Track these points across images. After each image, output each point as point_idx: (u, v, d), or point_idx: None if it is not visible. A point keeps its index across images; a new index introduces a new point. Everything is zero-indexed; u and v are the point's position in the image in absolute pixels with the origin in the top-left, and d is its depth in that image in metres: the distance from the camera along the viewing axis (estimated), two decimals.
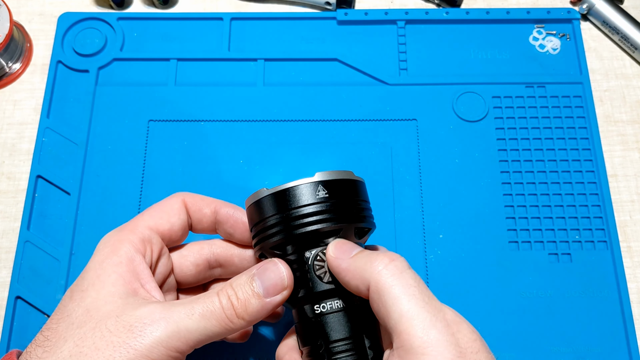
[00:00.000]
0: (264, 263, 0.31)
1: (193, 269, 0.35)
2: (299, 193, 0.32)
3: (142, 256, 0.31)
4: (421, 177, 0.50)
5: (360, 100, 0.52)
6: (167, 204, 0.35)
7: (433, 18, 0.55)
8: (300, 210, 0.31)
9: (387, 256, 0.29)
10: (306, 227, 0.31)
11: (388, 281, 0.28)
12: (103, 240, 0.32)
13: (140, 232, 0.32)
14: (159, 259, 0.33)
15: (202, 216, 0.35)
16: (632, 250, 0.49)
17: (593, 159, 0.50)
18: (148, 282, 0.31)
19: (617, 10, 0.55)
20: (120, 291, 0.30)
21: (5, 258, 0.48)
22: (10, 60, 0.54)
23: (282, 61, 0.54)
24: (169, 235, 0.34)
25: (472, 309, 0.46)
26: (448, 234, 0.48)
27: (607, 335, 0.45)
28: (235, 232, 0.35)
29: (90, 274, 0.30)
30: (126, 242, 0.31)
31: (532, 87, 0.53)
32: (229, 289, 0.30)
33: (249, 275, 0.31)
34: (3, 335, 0.45)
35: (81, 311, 0.29)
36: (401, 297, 0.27)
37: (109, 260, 0.31)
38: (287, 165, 0.50)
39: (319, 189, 0.32)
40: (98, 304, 0.29)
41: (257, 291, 0.30)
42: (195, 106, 0.52)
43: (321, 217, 0.31)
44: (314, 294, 0.31)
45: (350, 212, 0.32)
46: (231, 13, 0.56)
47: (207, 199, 0.36)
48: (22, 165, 0.51)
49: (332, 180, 0.32)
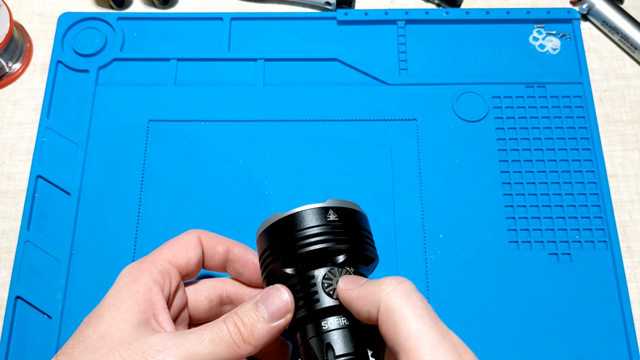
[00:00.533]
0: (267, 289, 0.32)
1: (207, 303, 0.36)
2: (309, 215, 0.33)
3: (160, 288, 0.32)
4: (421, 177, 0.50)
5: (360, 100, 0.52)
6: (184, 239, 0.36)
7: (433, 18, 0.55)
8: (311, 230, 0.32)
9: (394, 279, 0.30)
10: (317, 245, 0.32)
11: (397, 302, 0.29)
12: (125, 270, 0.33)
13: (160, 264, 0.33)
14: (176, 291, 0.34)
15: (215, 253, 0.36)
16: (632, 250, 0.49)
17: (593, 159, 0.50)
18: (161, 313, 0.32)
19: (617, 10, 0.55)
20: (133, 318, 0.30)
21: (5, 258, 0.48)
22: (10, 60, 0.54)
23: (282, 61, 0.54)
24: (186, 269, 0.35)
25: (472, 309, 0.46)
26: (448, 234, 0.48)
27: (607, 335, 0.45)
28: (244, 272, 0.36)
29: (108, 301, 0.31)
30: (146, 272, 0.32)
31: (532, 87, 0.53)
32: (235, 316, 0.31)
33: (253, 301, 0.32)
34: (3, 335, 0.45)
35: (95, 337, 0.30)
36: (409, 317, 0.28)
37: (127, 288, 0.32)
38: (287, 165, 0.50)
39: (329, 213, 0.33)
40: (112, 331, 0.30)
41: (262, 316, 0.31)
42: (195, 106, 0.52)
43: (332, 237, 0.32)
44: (321, 311, 0.32)
45: (359, 237, 0.33)
46: (231, 13, 0.56)
47: (220, 238, 0.37)
48: (22, 165, 0.51)
49: (343, 207, 0.33)
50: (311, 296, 0.32)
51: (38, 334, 0.45)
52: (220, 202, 0.49)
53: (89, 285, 0.46)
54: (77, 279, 0.46)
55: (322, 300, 0.32)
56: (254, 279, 0.36)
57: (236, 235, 0.48)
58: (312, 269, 0.32)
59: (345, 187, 0.49)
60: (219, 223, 0.48)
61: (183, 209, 0.48)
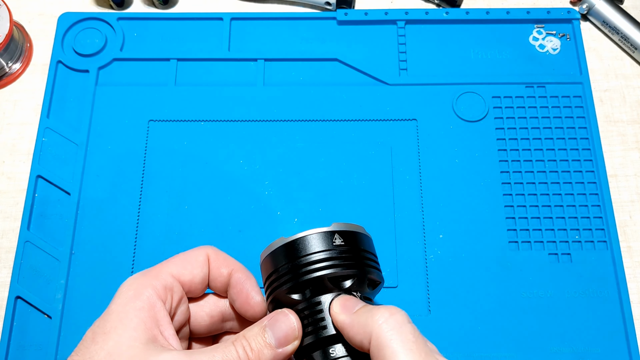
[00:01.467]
0: (274, 314, 0.32)
1: (207, 320, 0.36)
2: (315, 240, 0.33)
3: (163, 303, 0.32)
4: (421, 177, 0.50)
5: (360, 100, 0.52)
6: (192, 255, 0.35)
7: (433, 18, 0.55)
8: (317, 255, 0.32)
9: (387, 310, 0.30)
10: (324, 271, 0.32)
11: (387, 335, 0.29)
12: (127, 283, 0.33)
13: (164, 278, 0.33)
14: (177, 307, 0.34)
15: (218, 275, 0.35)
16: (632, 250, 0.49)
17: (593, 159, 0.50)
18: (167, 329, 0.31)
19: (617, 10, 0.55)
20: (142, 337, 0.30)
21: (5, 258, 0.48)
22: (10, 60, 0.54)
23: (282, 61, 0.54)
24: (189, 286, 0.34)
25: (472, 309, 0.46)
26: (448, 234, 0.48)
27: (607, 335, 0.45)
28: (236, 300, 0.35)
29: (113, 317, 0.31)
30: (149, 287, 0.32)
31: (532, 87, 0.53)
32: (243, 339, 0.31)
33: (261, 326, 0.31)
34: (3, 335, 0.45)
35: (103, 354, 0.29)
36: (399, 352, 0.28)
37: (132, 304, 0.31)
38: (287, 165, 0.50)
39: (335, 238, 0.33)
40: (121, 349, 0.29)
41: (269, 342, 0.31)
42: (195, 106, 0.52)
43: (339, 262, 0.32)
44: (328, 338, 0.31)
45: (366, 261, 0.33)
46: (231, 13, 0.56)
47: (228, 259, 0.35)
48: (22, 165, 0.51)
49: (348, 231, 0.33)
50: (318, 323, 0.32)
51: (38, 334, 0.45)
52: (220, 202, 0.49)
53: (89, 285, 0.46)
54: (77, 279, 0.46)
55: (330, 327, 0.31)
56: (244, 310, 0.34)
57: (236, 235, 0.48)
58: (318, 294, 0.32)
59: (345, 187, 0.49)
60: (219, 223, 0.48)
61: (183, 209, 0.48)
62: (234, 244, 0.47)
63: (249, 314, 0.34)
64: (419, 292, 0.46)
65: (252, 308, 0.34)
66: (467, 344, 0.45)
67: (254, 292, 0.34)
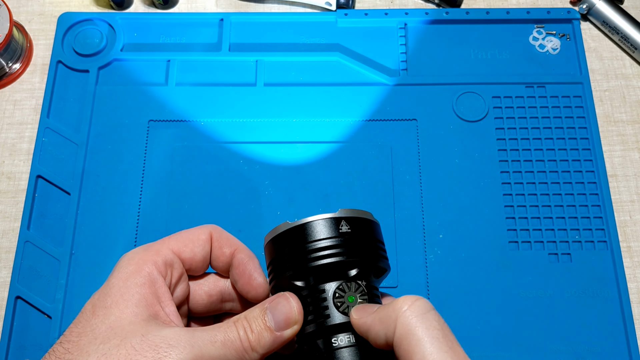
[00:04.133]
0: (276, 297, 0.32)
1: (206, 299, 0.35)
2: (321, 226, 0.32)
3: (163, 278, 0.32)
4: (421, 177, 0.50)
5: (360, 100, 0.52)
6: (194, 233, 0.35)
7: (433, 18, 0.55)
8: (323, 242, 0.31)
9: (409, 298, 0.29)
10: (329, 259, 0.31)
11: (412, 322, 0.28)
12: (127, 256, 0.32)
13: (164, 254, 0.33)
14: (177, 283, 0.33)
15: (220, 254, 0.35)
16: (632, 250, 0.49)
17: (593, 159, 0.50)
18: (168, 305, 0.31)
19: (617, 10, 0.55)
20: (143, 313, 0.30)
21: (5, 258, 0.48)
22: (10, 60, 0.54)
23: (282, 61, 0.54)
24: (189, 263, 0.34)
25: (472, 309, 0.46)
26: (448, 234, 0.48)
27: (607, 335, 0.45)
28: (238, 281, 0.34)
29: (114, 291, 0.31)
30: (150, 262, 0.32)
31: (532, 87, 0.53)
32: (244, 321, 0.31)
33: (262, 308, 0.31)
34: (3, 335, 0.45)
35: (105, 328, 0.29)
36: (424, 340, 0.28)
37: (133, 279, 0.31)
38: (287, 165, 0.50)
39: (342, 224, 0.32)
40: (122, 323, 0.29)
41: (269, 325, 0.31)
42: (195, 106, 0.52)
43: (344, 250, 0.31)
44: (332, 327, 0.31)
45: (372, 249, 0.32)
46: (231, 13, 0.56)
47: (231, 239, 0.35)
48: (22, 165, 0.51)
49: (355, 217, 0.33)
50: (322, 311, 0.31)
51: (38, 334, 0.45)
52: (220, 201, 0.49)
53: (89, 285, 0.46)
54: (77, 279, 0.46)
55: (333, 317, 0.31)
56: (245, 291, 0.34)
57: (236, 235, 0.47)
58: (322, 282, 0.32)
59: (345, 187, 0.49)
60: (219, 223, 0.48)
61: (183, 209, 0.48)
62: None
63: (251, 295, 0.34)
64: (419, 292, 0.46)
65: (254, 289, 0.34)
66: (467, 344, 0.45)
67: (257, 274, 0.34)
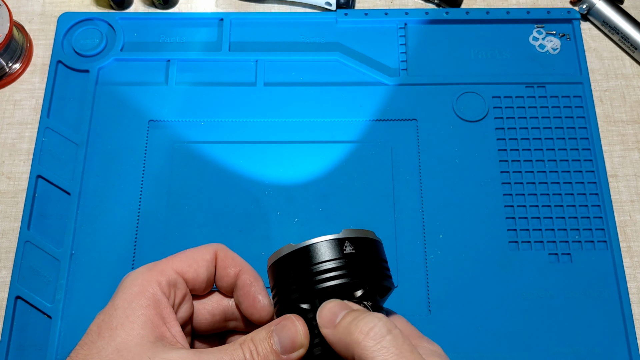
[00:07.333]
0: (282, 319, 0.31)
1: (209, 318, 0.35)
2: (325, 248, 0.32)
3: (167, 299, 0.32)
4: (421, 177, 0.50)
5: (361, 100, 0.52)
6: (199, 253, 0.34)
7: (433, 18, 0.55)
8: (327, 264, 0.31)
9: (366, 324, 0.29)
10: (334, 280, 0.31)
11: (367, 354, 0.28)
12: (131, 277, 0.32)
13: (168, 274, 0.32)
14: (181, 303, 0.33)
15: (225, 274, 0.35)
16: (632, 250, 0.49)
17: (593, 159, 0.50)
18: (173, 326, 0.31)
19: (617, 10, 0.55)
20: (150, 334, 0.30)
21: (5, 258, 0.48)
22: (10, 60, 0.54)
23: (282, 61, 0.54)
24: (193, 284, 0.34)
25: (472, 309, 0.46)
26: (448, 234, 0.48)
27: (607, 335, 0.45)
28: (242, 303, 0.34)
29: (119, 313, 0.30)
30: (154, 283, 0.32)
31: (532, 87, 0.53)
32: (250, 343, 0.31)
33: (268, 331, 0.31)
34: (3, 335, 0.45)
35: (111, 350, 0.29)
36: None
37: (138, 301, 0.31)
38: (287, 165, 0.50)
39: (345, 245, 0.32)
40: (129, 345, 0.29)
41: (275, 348, 0.30)
42: (195, 106, 0.52)
43: (349, 272, 0.31)
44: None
45: (377, 270, 0.32)
46: (231, 13, 0.56)
47: (237, 259, 0.35)
48: (22, 165, 0.51)
49: (359, 238, 0.32)
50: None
51: (38, 334, 0.45)
52: (220, 202, 0.49)
53: (89, 285, 0.46)
54: (77, 279, 0.46)
55: None
56: (249, 313, 0.34)
57: (236, 235, 0.48)
58: None
59: (345, 187, 0.49)
60: (219, 223, 0.48)
61: (183, 209, 0.48)
62: (234, 244, 0.47)
63: (255, 317, 0.34)
64: (419, 292, 0.46)
65: (259, 312, 0.33)
66: (467, 344, 0.45)
67: (261, 296, 0.34)
